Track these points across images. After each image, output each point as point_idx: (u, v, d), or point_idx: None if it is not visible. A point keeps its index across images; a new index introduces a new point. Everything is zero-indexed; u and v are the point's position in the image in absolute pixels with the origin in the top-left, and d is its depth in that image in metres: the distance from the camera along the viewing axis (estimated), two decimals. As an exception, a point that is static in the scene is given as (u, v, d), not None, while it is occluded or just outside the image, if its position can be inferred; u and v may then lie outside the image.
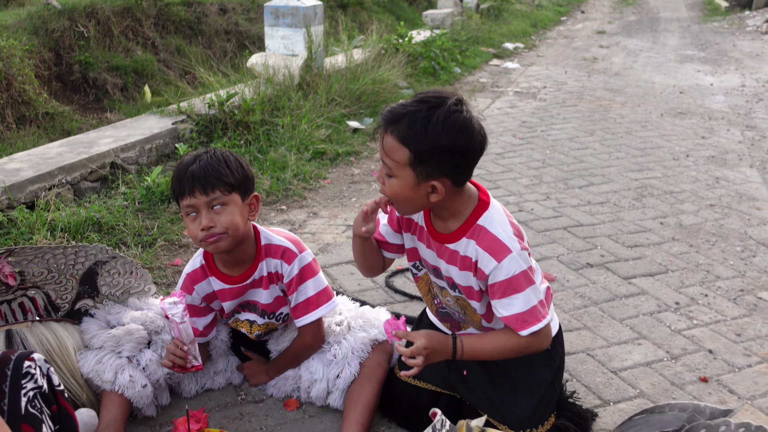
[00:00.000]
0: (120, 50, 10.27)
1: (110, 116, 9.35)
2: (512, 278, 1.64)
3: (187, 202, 1.83)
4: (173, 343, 1.89)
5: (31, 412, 1.29)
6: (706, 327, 2.64)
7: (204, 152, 1.88)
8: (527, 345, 1.69)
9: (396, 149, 1.58)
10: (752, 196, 4.12)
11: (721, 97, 7.15)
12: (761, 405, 2.18)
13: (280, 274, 2.00)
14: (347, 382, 1.99)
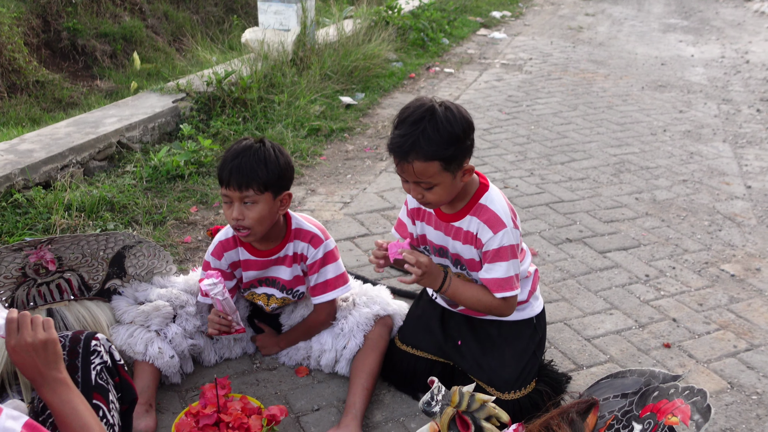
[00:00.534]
0: (108, 16, 10.29)
1: (100, 83, 9.44)
2: (501, 249, 1.94)
3: (224, 191, 2.09)
4: (214, 313, 2.15)
5: (99, 384, 1.54)
6: (671, 297, 2.92)
7: (249, 147, 2.08)
8: (497, 306, 1.99)
9: (427, 168, 1.82)
10: (723, 171, 4.39)
11: (700, 69, 7.38)
12: (716, 368, 2.47)
13: (305, 255, 2.26)
14: (353, 352, 2.26)
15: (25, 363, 1.42)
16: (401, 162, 1.86)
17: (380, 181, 4.13)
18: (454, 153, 1.83)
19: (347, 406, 2.12)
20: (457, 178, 1.89)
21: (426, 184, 1.87)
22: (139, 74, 9.33)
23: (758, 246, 3.41)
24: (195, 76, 5.28)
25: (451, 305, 2.22)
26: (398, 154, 1.85)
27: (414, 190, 1.92)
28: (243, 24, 11.75)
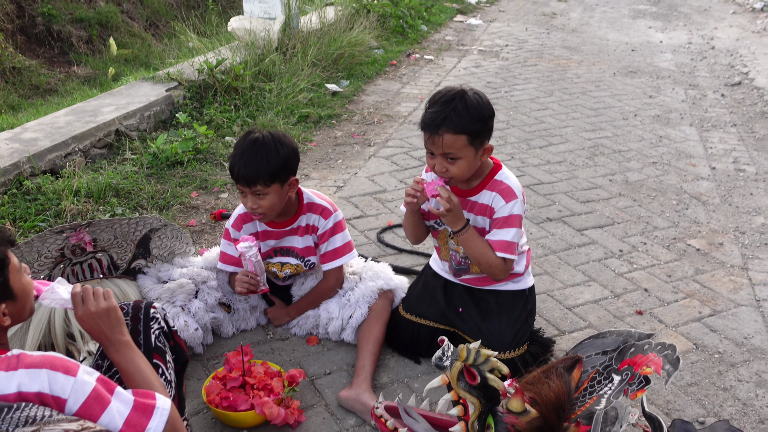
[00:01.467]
0: (83, 1, 10.28)
1: (77, 70, 9.47)
2: (510, 216, 2.22)
3: (238, 185, 2.31)
4: (243, 274, 2.39)
5: (158, 346, 1.75)
6: (643, 270, 3.21)
7: (252, 145, 2.29)
8: (496, 265, 2.23)
9: (455, 140, 2.09)
10: (689, 153, 4.70)
11: (669, 55, 7.70)
12: (683, 331, 2.76)
13: (316, 227, 2.52)
14: (359, 321, 2.49)
15: (93, 329, 1.63)
16: (432, 135, 2.13)
17: (370, 165, 4.35)
18: (480, 129, 2.11)
19: (357, 369, 2.36)
20: (478, 154, 2.16)
21: (452, 155, 2.13)
22: (116, 60, 9.37)
23: (721, 223, 3.71)
24: (186, 64, 5.43)
25: (456, 274, 2.47)
26: (431, 128, 2.12)
27: (439, 164, 2.17)
28: (219, 9, 11.80)
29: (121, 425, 1.47)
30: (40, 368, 1.42)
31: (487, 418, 1.78)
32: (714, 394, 2.41)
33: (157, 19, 11.19)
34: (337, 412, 2.26)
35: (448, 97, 2.12)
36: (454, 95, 2.11)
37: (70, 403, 1.43)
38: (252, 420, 2.13)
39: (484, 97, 2.16)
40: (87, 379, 1.47)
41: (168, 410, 1.54)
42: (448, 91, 2.14)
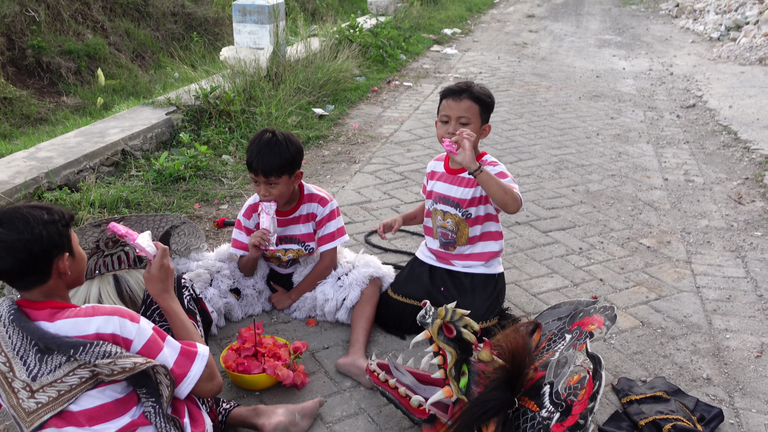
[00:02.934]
0: (71, 34, 10.68)
1: (66, 100, 9.84)
2: (501, 172, 2.74)
3: (253, 176, 2.76)
4: (259, 231, 2.80)
5: (190, 308, 2.14)
6: (599, 264, 3.65)
7: (267, 142, 2.71)
8: (513, 195, 2.63)
9: (471, 106, 2.74)
10: (645, 167, 5.18)
11: (630, 80, 8.27)
12: (632, 312, 3.18)
13: (315, 214, 2.96)
14: (352, 303, 2.89)
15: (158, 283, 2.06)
16: (455, 98, 2.73)
17: (356, 180, 4.77)
18: (488, 106, 2.80)
19: (352, 342, 2.76)
20: (482, 127, 2.79)
21: (465, 119, 2.73)
22: (105, 90, 9.76)
23: (670, 225, 4.17)
24: (183, 90, 5.84)
25: (442, 258, 2.92)
26: (456, 92, 2.76)
27: (453, 125, 2.73)
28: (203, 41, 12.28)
29: (171, 365, 1.87)
30: (113, 315, 1.82)
31: (462, 365, 2.19)
32: (655, 360, 2.83)
33: (143, 51, 11.59)
34: (336, 377, 2.65)
35: (466, 81, 2.82)
36: (470, 82, 2.80)
37: (134, 344, 1.82)
38: (265, 382, 2.51)
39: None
40: (146, 326, 1.87)
41: (206, 356, 1.94)
42: (468, 81, 2.86)
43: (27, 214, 1.80)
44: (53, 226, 1.82)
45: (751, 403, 2.58)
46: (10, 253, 1.76)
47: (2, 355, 1.78)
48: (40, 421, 1.77)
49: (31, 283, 1.84)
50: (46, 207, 1.86)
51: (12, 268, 1.79)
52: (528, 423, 2.05)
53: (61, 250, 1.84)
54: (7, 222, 1.78)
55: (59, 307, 1.85)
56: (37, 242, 1.77)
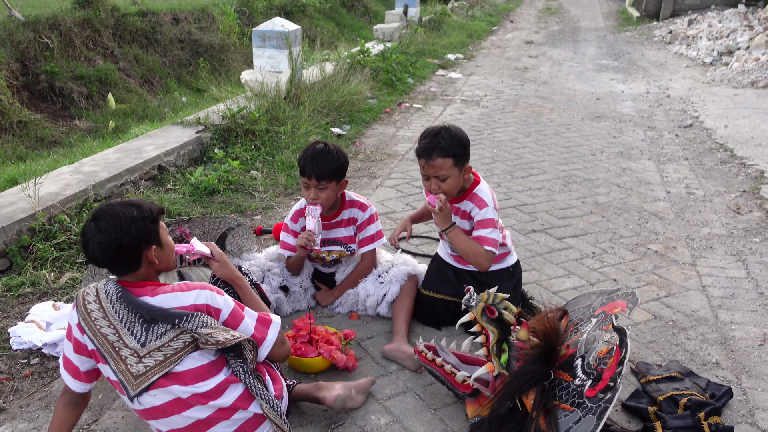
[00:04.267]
0: (82, 60, 11.03)
1: (79, 123, 10.16)
2: (485, 220, 2.97)
3: (304, 180, 3.04)
4: (305, 233, 3.09)
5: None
6: (612, 266, 3.94)
7: (320, 151, 3.02)
8: (481, 254, 2.94)
9: (444, 162, 2.85)
10: (648, 181, 5.51)
11: (629, 102, 8.65)
12: (645, 307, 3.47)
13: (355, 218, 3.24)
14: (392, 297, 3.17)
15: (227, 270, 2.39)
16: (427, 160, 2.87)
17: (379, 193, 5.08)
18: (462, 153, 2.87)
19: (395, 332, 3.04)
20: (461, 173, 2.91)
21: (443, 176, 2.88)
22: (115, 114, 10.08)
23: (675, 232, 4.48)
24: (211, 110, 6.16)
25: (458, 260, 3.19)
26: (426, 154, 2.87)
27: (434, 183, 2.92)
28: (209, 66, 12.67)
29: (252, 330, 2.17)
30: (204, 289, 2.12)
31: (503, 344, 2.47)
32: (668, 348, 3.12)
33: (152, 76, 11.95)
34: (382, 362, 2.93)
35: (435, 131, 2.90)
36: (440, 129, 2.90)
37: (223, 313, 2.12)
38: (320, 365, 2.78)
39: (461, 130, 2.95)
40: (229, 299, 2.17)
41: (279, 323, 2.26)
42: (434, 127, 2.93)
43: (119, 212, 2.08)
44: (141, 223, 2.10)
45: (757, 384, 2.87)
46: (102, 249, 2.05)
47: (111, 327, 2.07)
48: (148, 382, 2.05)
49: (125, 271, 2.13)
50: (137, 204, 2.15)
51: (105, 260, 2.09)
52: (563, 391, 2.33)
53: (149, 243, 2.13)
54: (101, 219, 2.07)
55: (156, 285, 2.14)
56: (126, 238, 2.06)
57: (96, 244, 2.05)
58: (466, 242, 2.97)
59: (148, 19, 12.26)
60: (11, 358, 2.95)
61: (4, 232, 3.71)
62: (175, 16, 13.05)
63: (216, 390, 2.10)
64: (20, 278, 3.54)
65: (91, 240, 2.06)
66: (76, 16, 10.87)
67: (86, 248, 2.10)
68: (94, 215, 2.09)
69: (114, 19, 11.68)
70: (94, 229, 2.06)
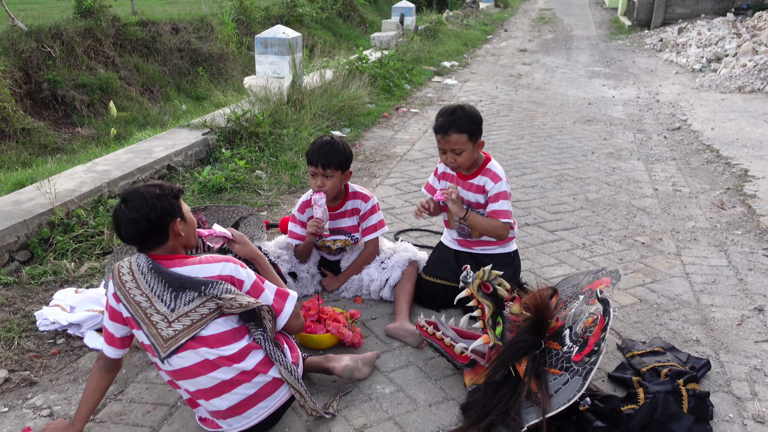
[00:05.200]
0: (84, 69, 11.26)
1: (81, 131, 10.37)
2: (500, 192, 3.22)
3: (312, 169, 3.27)
4: (314, 220, 3.29)
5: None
6: (601, 256, 4.17)
7: (327, 142, 3.25)
8: (499, 227, 3.21)
9: (459, 138, 3.11)
10: (637, 180, 5.75)
11: (620, 107, 8.91)
12: (631, 292, 3.69)
13: (358, 209, 3.45)
14: (394, 282, 3.39)
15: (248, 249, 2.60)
16: (444, 135, 3.13)
17: (379, 191, 5.30)
18: (475, 129, 3.14)
19: (397, 312, 3.26)
20: (475, 148, 3.16)
21: (458, 150, 3.13)
22: (116, 121, 10.30)
23: (661, 226, 4.71)
24: (216, 114, 6.39)
25: (463, 244, 3.41)
26: (443, 130, 3.14)
27: (449, 157, 3.17)
28: (208, 75, 12.91)
29: (271, 302, 2.38)
30: (228, 262, 2.34)
31: (497, 317, 2.69)
32: (653, 327, 3.34)
33: (152, 85, 12.18)
34: (385, 339, 3.15)
35: (451, 109, 3.17)
36: (455, 108, 3.17)
37: (245, 284, 2.34)
38: (329, 341, 3.00)
39: (474, 108, 3.23)
40: (251, 272, 2.38)
41: (296, 298, 2.47)
42: (450, 106, 3.21)
43: (144, 192, 2.32)
44: (165, 199, 2.33)
45: (733, 358, 3.09)
46: (134, 225, 2.28)
47: (143, 295, 2.28)
48: (177, 345, 2.26)
49: (155, 245, 2.35)
50: (158, 184, 2.38)
51: (137, 236, 2.31)
52: (553, 358, 2.55)
53: (174, 216, 2.35)
54: (130, 200, 2.30)
55: (184, 257, 2.36)
56: (152, 212, 2.29)
57: (127, 222, 2.28)
58: (483, 221, 3.25)
59: (148, 29, 12.50)
60: (39, 338, 3.16)
61: (26, 226, 3.92)
62: (174, 25, 13.29)
63: (239, 354, 2.31)
64: (42, 267, 3.75)
65: (123, 219, 2.29)
66: (77, 25, 11.10)
67: (118, 228, 2.33)
68: (122, 198, 2.32)
69: (115, 29, 11.91)
70: (124, 209, 2.29)
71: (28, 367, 2.92)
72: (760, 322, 3.41)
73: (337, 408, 2.62)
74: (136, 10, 13.49)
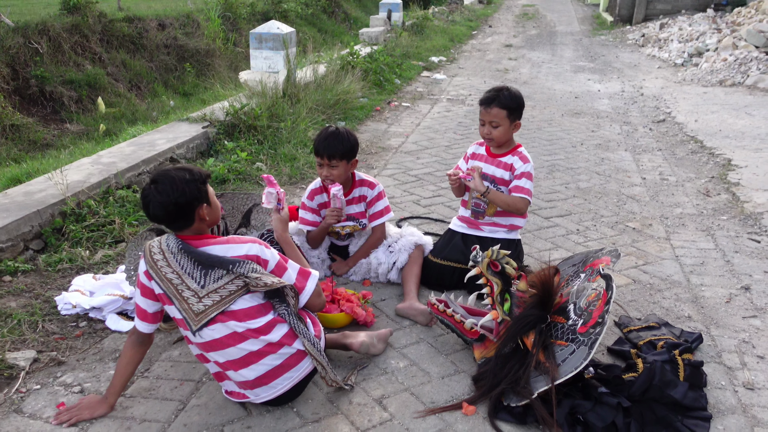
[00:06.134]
0: (71, 65, 11.29)
1: (70, 127, 10.40)
2: (526, 172, 3.48)
3: (318, 159, 3.41)
4: (330, 210, 3.45)
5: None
6: (594, 241, 4.36)
7: (332, 133, 3.39)
8: (518, 202, 3.46)
9: (500, 112, 3.40)
10: (625, 169, 5.95)
11: (606, 100, 9.13)
12: (625, 273, 3.88)
13: (365, 196, 3.60)
14: (402, 264, 3.55)
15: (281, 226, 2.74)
16: (486, 108, 3.42)
17: (377, 181, 5.45)
18: (515, 108, 3.42)
19: (405, 293, 3.42)
20: (511, 126, 3.44)
21: (495, 123, 3.41)
22: (105, 117, 10.33)
23: (651, 212, 4.91)
24: (215, 107, 6.49)
25: (472, 225, 3.61)
26: (486, 103, 3.46)
27: (487, 128, 3.46)
28: (195, 71, 12.97)
29: (294, 280, 2.53)
30: (254, 243, 2.48)
31: (505, 293, 2.86)
32: (647, 306, 3.53)
33: (139, 81, 12.21)
34: (395, 318, 3.30)
35: (499, 88, 3.49)
36: (502, 88, 3.47)
37: (270, 264, 2.48)
38: (343, 320, 3.15)
39: (519, 91, 3.53)
40: (275, 252, 2.53)
41: (317, 277, 2.61)
42: (498, 86, 3.51)
43: (174, 176, 2.44)
44: (194, 184, 2.46)
45: (723, 332, 3.28)
46: (163, 207, 2.41)
47: (174, 272, 2.42)
48: (207, 318, 2.40)
49: (181, 227, 2.48)
50: (188, 168, 2.50)
51: (165, 217, 2.44)
52: (559, 331, 2.72)
53: (200, 201, 2.48)
54: (160, 183, 2.42)
55: (211, 237, 2.50)
56: (182, 197, 2.41)
57: (157, 204, 2.40)
58: (503, 198, 3.50)
59: (134, 25, 12.51)
60: (61, 321, 3.27)
61: (39, 215, 4.03)
62: (160, 22, 13.32)
63: (266, 327, 2.45)
64: (58, 255, 3.86)
65: (152, 201, 2.41)
66: (64, 22, 11.10)
67: (147, 208, 2.44)
68: (153, 179, 2.44)
69: (101, 25, 11.91)
70: (154, 191, 2.40)
71: (54, 348, 3.04)
72: (747, 300, 3.61)
73: (355, 380, 2.78)
74: (122, 6, 13.49)
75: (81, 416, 2.54)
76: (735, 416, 2.65)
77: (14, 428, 2.52)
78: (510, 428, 2.54)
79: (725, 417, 2.65)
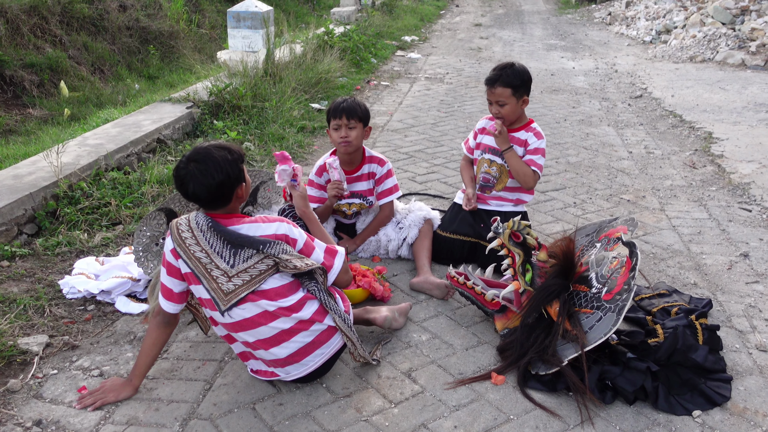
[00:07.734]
0: (31, 48, 10.93)
1: (32, 112, 10.10)
2: (539, 148, 3.51)
3: (336, 122, 3.39)
4: (333, 183, 3.42)
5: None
6: (592, 213, 4.41)
7: (348, 98, 3.39)
8: (529, 174, 3.50)
9: (504, 91, 3.36)
10: (611, 144, 6.03)
11: (582, 77, 9.22)
12: (627, 244, 3.94)
13: (374, 173, 3.58)
14: (412, 240, 3.54)
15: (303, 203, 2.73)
16: (490, 87, 3.41)
17: (369, 159, 5.42)
18: (520, 85, 3.38)
19: (419, 267, 3.41)
20: (518, 103, 3.42)
21: (501, 102, 3.40)
22: (69, 101, 10.04)
23: (642, 185, 4.99)
24: (198, 86, 6.36)
25: (479, 198, 3.61)
26: (490, 82, 3.43)
27: (495, 107, 3.45)
28: (159, 54, 12.69)
29: (322, 259, 2.49)
30: (282, 222, 2.43)
31: (526, 264, 2.87)
32: (653, 275, 3.59)
33: (102, 64, 11.87)
34: (410, 293, 3.30)
35: (503, 65, 3.45)
36: (506, 65, 3.42)
37: (298, 243, 2.45)
38: (360, 295, 3.13)
39: (524, 67, 3.49)
40: (303, 232, 2.49)
41: (344, 254, 2.57)
42: (503, 63, 3.48)
43: (217, 157, 2.35)
44: (236, 165, 2.40)
45: (730, 298, 3.36)
46: (206, 188, 2.34)
47: (203, 251, 2.36)
48: (237, 298, 2.36)
49: (218, 206, 2.42)
50: (227, 147, 2.42)
51: (206, 197, 2.37)
52: (582, 300, 2.75)
53: (240, 181, 2.43)
54: (201, 162, 2.33)
55: (241, 216, 2.45)
56: (227, 179, 2.35)
57: (199, 184, 2.32)
58: (518, 162, 3.52)
59: (95, 6, 12.13)
60: (68, 305, 3.19)
61: (32, 198, 3.90)
62: (121, 3, 12.94)
63: (297, 304, 2.42)
64: (55, 239, 3.74)
65: (192, 181, 2.32)
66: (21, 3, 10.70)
67: (185, 187, 2.35)
68: (191, 158, 2.34)
69: (60, 6, 11.52)
70: (195, 171, 2.31)
71: (65, 333, 2.96)
72: (747, 266, 3.70)
73: (380, 355, 2.77)
74: (81, -14, 13.06)
75: (106, 399, 2.48)
76: (753, 377, 2.72)
77: (37, 413, 2.45)
78: (540, 396, 2.57)
79: (744, 378, 2.71)
